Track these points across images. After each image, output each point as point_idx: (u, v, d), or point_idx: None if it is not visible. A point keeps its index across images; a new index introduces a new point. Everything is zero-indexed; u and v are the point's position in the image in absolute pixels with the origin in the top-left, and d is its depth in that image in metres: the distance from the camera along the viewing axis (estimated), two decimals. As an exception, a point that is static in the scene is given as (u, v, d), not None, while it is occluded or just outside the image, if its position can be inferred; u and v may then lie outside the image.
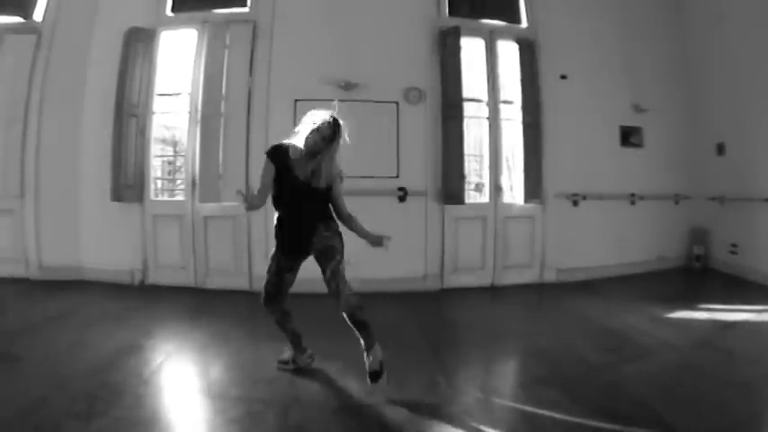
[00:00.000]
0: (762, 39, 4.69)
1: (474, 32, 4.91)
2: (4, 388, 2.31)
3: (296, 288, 4.50)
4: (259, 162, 4.50)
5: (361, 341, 2.33)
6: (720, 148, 5.30)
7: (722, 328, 3.41)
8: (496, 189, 4.90)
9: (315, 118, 2.46)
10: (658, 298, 4.28)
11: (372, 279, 4.29)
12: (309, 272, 4.44)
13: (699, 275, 5.34)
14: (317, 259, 2.46)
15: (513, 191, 5.16)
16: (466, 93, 4.74)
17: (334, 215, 2.59)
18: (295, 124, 4.52)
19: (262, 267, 4.53)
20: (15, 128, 4.58)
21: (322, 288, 4.48)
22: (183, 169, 5.13)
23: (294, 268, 2.61)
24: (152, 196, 4.76)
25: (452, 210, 4.70)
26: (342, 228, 2.57)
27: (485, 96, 4.93)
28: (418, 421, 2.08)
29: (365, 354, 2.33)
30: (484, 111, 4.94)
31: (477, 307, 4.22)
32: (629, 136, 5.31)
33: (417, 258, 4.60)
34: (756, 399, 2.33)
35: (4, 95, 4.61)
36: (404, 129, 4.65)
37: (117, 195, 4.48)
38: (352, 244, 2.62)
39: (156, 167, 5.12)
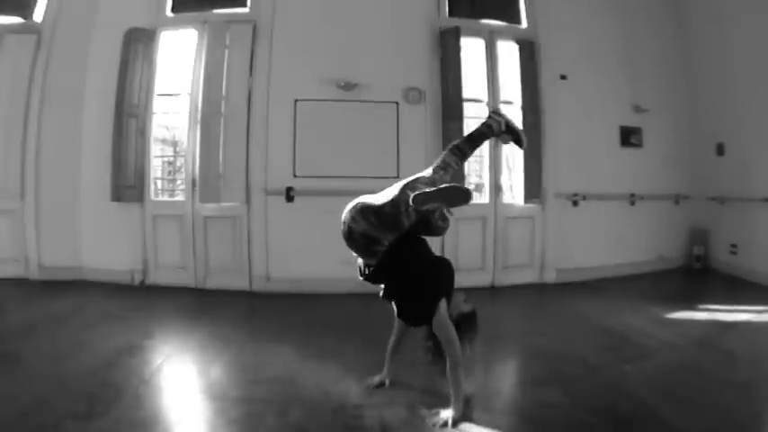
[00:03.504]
0: (762, 39, 4.68)
1: (474, 32, 4.91)
2: (4, 388, 2.31)
3: (300, 288, 4.53)
4: (258, 162, 4.53)
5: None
6: (720, 148, 5.30)
7: (722, 328, 3.41)
8: (496, 189, 4.90)
9: None
10: (658, 298, 4.28)
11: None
12: (313, 272, 4.48)
13: (699, 276, 5.34)
14: None
15: (513, 191, 5.16)
16: (466, 93, 4.75)
17: None
18: (295, 124, 4.58)
19: (262, 267, 4.57)
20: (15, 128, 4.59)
21: (325, 288, 4.51)
22: (183, 169, 5.13)
23: None
24: (152, 196, 4.75)
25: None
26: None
27: (485, 96, 4.93)
28: (418, 421, 2.08)
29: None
30: (484, 111, 4.94)
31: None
32: (629, 136, 5.31)
33: (417, 258, 4.58)
34: (757, 399, 2.33)
35: (4, 95, 4.60)
36: (404, 129, 4.66)
37: (117, 195, 4.48)
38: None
39: (156, 168, 5.12)
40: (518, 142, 2.44)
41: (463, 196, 1.86)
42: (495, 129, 2.36)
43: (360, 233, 2.04)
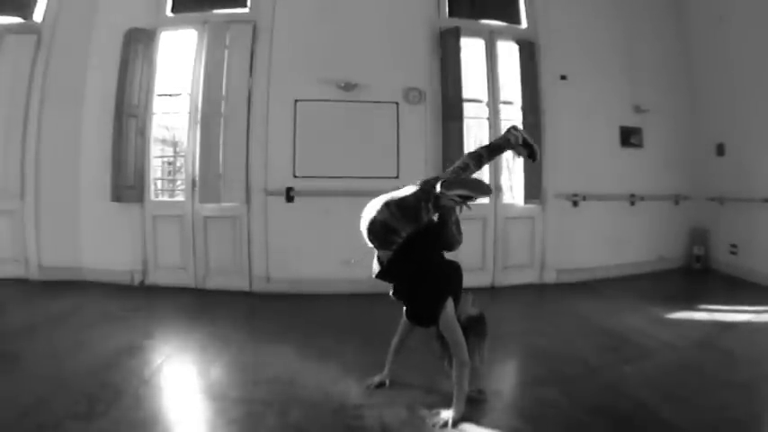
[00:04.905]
0: (762, 39, 4.68)
1: (474, 33, 4.91)
2: (4, 388, 2.31)
3: (299, 288, 4.53)
4: (258, 162, 4.53)
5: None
6: (720, 149, 5.30)
7: (722, 328, 3.41)
8: (496, 189, 4.90)
9: None
10: (658, 298, 4.28)
11: (372, 279, 4.30)
12: (313, 272, 4.49)
13: (699, 276, 5.34)
14: None
15: (513, 191, 5.16)
16: (466, 93, 4.75)
17: None
18: (295, 124, 4.59)
19: (262, 268, 4.57)
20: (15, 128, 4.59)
21: (325, 289, 4.52)
22: (182, 170, 5.13)
23: None
24: (152, 197, 4.75)
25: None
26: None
27: (485, 97, 4.93)
28: (418, 421, 2.08)
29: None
30: (484, 111, 4.94)
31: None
32: (629, 136, 5.30)
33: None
34: (756, 399, 2.33)
35: (4, 95, 4.60)
36: (404, 129, 4.66)
37: (117, 196, 4.48)
38: (352, 243, 2.62)
39: (156, 168, 5.13)
40: (532, 156, 2.54)
41: (486, 187, 2.11)
42: (513, 142, 2.47)
43: (380, 222, 2.10)
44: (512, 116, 4.98)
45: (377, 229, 2.11)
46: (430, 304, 2.15)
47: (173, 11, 4.76)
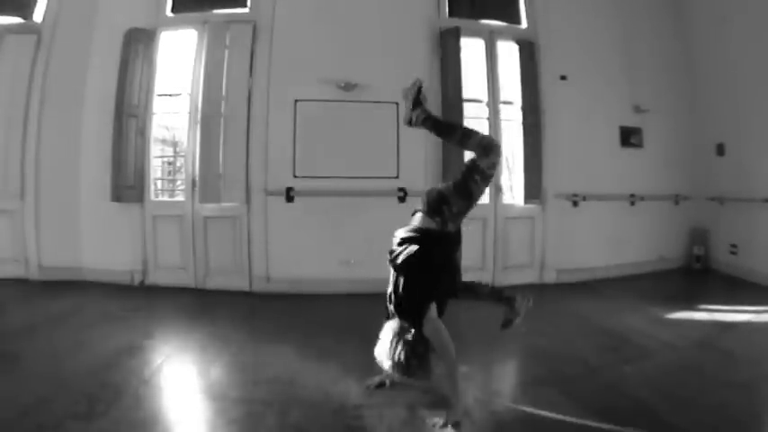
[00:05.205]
0: (762, 39, 4.69)
1: (474, 33, 4.92)
2: (5, 388, 2.31)
3: (299, 288, 4.53)
4: (259, 162, 4.53)
5: None
6: (720, 149, 5.30)
7: (722, 328, 3.41)
8: (496, 190, 4.90)
9: None
10: (658, 298, 4.28)
11: (372, 279, 4.30)
12: (312, 272, 4.49)
13: (699, 276, 5.34)
14: None
15: (513, 191, 5.16)
16: (466, 93, 4.75)
17: None
18: (295, 124, 4.59)
19: (262, 268, 4.57)
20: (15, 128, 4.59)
21: (325, 289, 4.52)
22: (182, 170, 5.14)
23: None
24: (152, 197, 4.75)
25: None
26: None
27: (485, 97, 4.93)
28: (418, 421, 2.08)
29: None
30: (484, 111, 4.95)
31: (476, 307, 4.21)
32: (629, 136, 5.31)
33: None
34: (756, 399, 2.33)
35: (4, 95, 4.60)
36: (404, 129, 4.62)
37: (117, 196, 4.48)
38: (352, 243, 2.62)
39: (156, 168, 5.12)
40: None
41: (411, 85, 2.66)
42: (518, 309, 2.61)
43: (438, 190, 2.26)
44: (512, 116, 4.99)
45: (433, 195, 2.24)
46: (414, 305, 2.12)
47: (173, 11, 4.75)
